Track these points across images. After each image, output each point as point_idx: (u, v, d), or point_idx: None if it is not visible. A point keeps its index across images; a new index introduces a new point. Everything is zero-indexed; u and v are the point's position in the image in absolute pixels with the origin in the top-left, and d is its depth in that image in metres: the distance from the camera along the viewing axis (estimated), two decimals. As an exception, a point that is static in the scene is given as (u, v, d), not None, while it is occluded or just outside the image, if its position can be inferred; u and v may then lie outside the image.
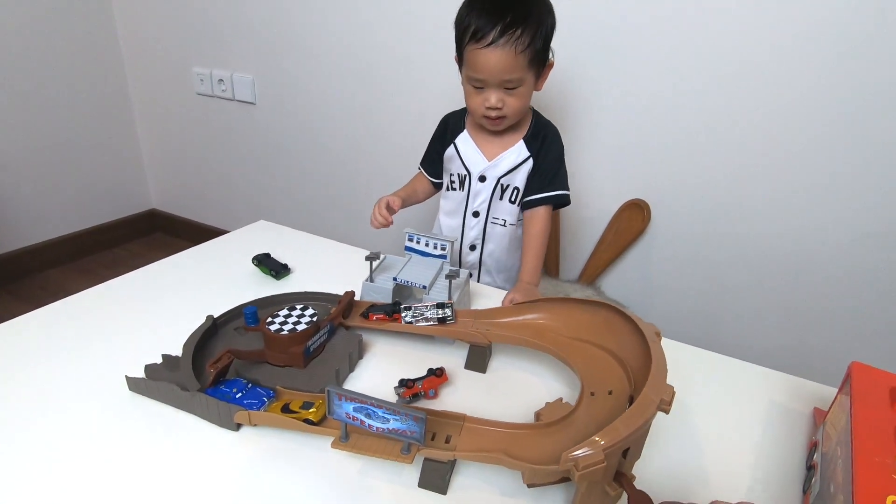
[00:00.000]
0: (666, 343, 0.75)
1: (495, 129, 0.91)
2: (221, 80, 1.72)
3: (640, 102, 1.20)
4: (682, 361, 0.71)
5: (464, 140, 0.95)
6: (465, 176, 0.95)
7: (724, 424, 0.61)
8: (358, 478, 0.49)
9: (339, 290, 0.72)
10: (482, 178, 0.94)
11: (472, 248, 1.00)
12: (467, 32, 0.82)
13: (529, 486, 0.45)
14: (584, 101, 1.25)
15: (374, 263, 0.73)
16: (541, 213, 0.93)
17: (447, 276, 0.69)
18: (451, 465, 0.50)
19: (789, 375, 0.71)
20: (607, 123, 1.25)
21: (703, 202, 1.23)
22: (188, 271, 0.84)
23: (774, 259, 1.20)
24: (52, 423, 0.52)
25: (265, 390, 0.54)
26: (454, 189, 0.99)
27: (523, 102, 0.87)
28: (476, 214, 0.97)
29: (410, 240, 0.79)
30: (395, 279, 0.72)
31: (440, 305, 0.66)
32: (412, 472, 0.49)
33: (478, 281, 1.01)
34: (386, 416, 0.44)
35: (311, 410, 0.50)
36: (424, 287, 0.71)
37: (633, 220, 1.28)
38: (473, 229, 0.99)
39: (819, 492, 0.48)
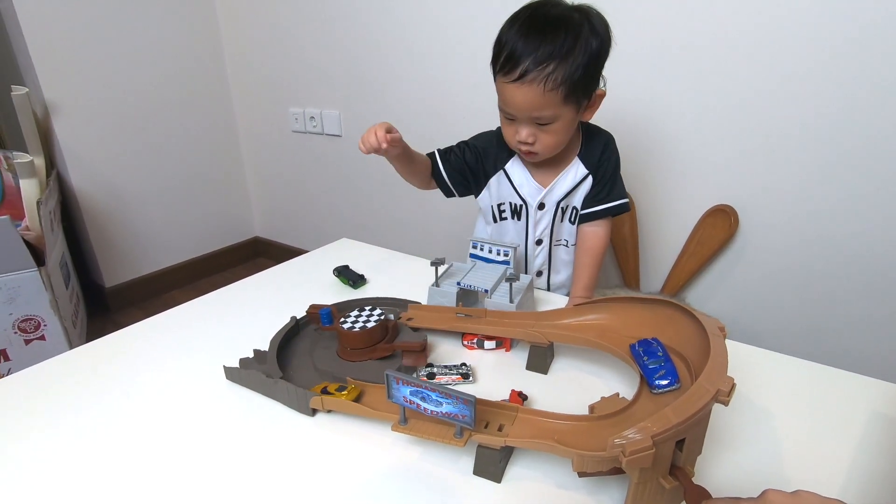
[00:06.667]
0: (750, 350, 0.71)
1: (531, 161, 0.85)
2: (313, 117, 1.90)
3: (722, 98, 1.15)
4: (768, 368, 0.67)
5: (515, 166, 0.88)
6: (521, 206, 0.89)
7: (813, 433, 0.56)
8: (417, 462, 0.52)
9: (409, 296, 0.77)
10: (541, 206, 0.88)
11: (539, 274, 0.96)
12: (497, 60, 0.75)
13: (580, 474, 0.45)
14: (662, 100, 1.22)
15: (440, 269, 0.77)
16: (599, 226, 0.89)
17: (507, 279, 0.71)
18: (506, 454, 0.51)
19: (897, 385, 0.63)
20: (688, 122, 1.21)
21: (796, 205, 1.13)
22: (278, 283, 0.94)
23: (887, 265, 1.07)
24: (165, 407, 0.61)
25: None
26: (505, 219, 0.92)
27: (559, 139, 0.79)
28: (539, 242, 0.92)
29: (475, 247, 0.82)
30: (458, 284, 0.75)
31: (462, 365, 0.66)
32: (469, 460, 0.51)
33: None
34: (439, 399, 0.47)
35: (344, 393, 0.55)
36: (486, 291, 0.73)
37: (717, 227, 1.21)
38: (538, 257, 0.94)
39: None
